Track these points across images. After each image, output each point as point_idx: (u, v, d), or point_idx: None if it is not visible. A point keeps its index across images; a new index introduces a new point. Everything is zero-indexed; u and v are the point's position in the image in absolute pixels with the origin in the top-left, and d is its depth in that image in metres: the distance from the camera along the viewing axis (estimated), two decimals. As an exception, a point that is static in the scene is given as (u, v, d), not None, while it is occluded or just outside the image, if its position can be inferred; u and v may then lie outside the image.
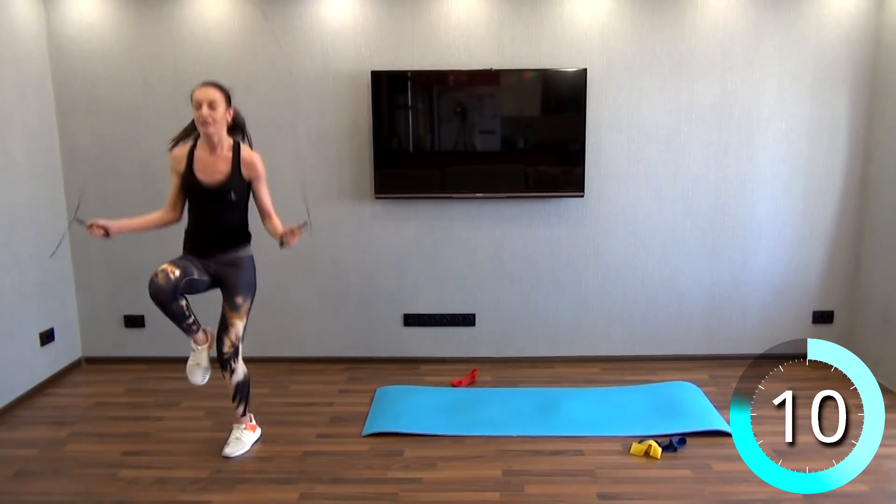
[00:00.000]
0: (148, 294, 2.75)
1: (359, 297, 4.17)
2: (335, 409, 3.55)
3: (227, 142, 2.89)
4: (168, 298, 2.75)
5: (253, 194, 2.97)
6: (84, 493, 2.76)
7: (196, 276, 2.85)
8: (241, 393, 3.09)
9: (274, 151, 3.80)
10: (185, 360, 3.08)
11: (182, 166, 2.88)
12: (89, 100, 3.95)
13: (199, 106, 2.77)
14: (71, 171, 4.03)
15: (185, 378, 3.08)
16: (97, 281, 4.15)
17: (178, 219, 2.99)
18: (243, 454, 3.06)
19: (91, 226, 2.78)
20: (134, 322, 4.19)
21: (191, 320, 2.92)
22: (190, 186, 2.88)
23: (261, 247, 3.13)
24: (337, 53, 3.89)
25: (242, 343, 3.02)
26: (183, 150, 2.91)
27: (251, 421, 3.19)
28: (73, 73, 3.92)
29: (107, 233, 2.80)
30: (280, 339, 4.21)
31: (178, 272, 2.75)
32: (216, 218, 2.92)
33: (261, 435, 3.21)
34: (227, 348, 2.97)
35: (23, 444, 3.20)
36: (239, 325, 2.98)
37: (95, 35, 3.88)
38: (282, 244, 2.86)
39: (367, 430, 3.27)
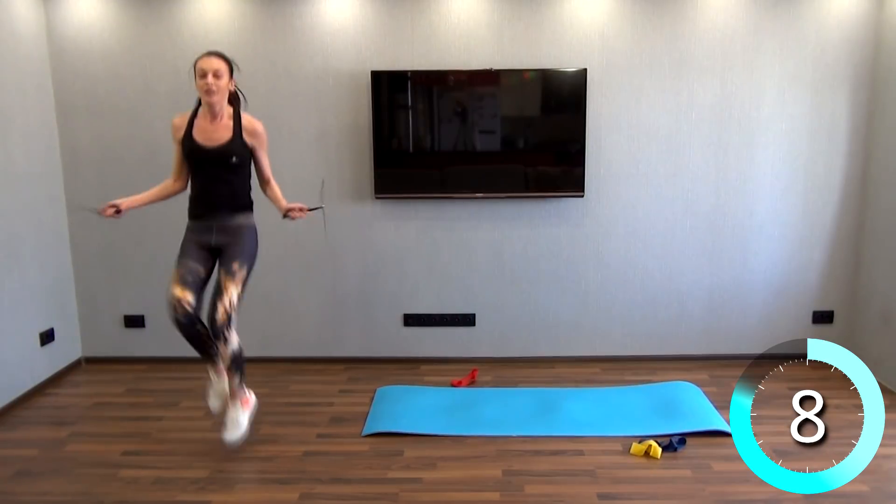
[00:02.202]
0: (150, 293, 2.78)
1: (359, 297, 4.17)
2: (335, 409, 3.55)
3: (228, 110, 2.91)
4: (190, 327, 2.87)
5: (254, 161, 2.99)
6: (84, 493, 2.76)
7: (201, 273, 2.89)
8: (237, 364, 2.97)
9: (274, 151, 3.79)
10: (185, 360, 3.10)
11: (181, 133, 2.89)
12: (89, 100, 3.95)
13: (203, 74, 2.79)
14: (71, 171, 4.03)
15: (185, 378, 3.08)
16: (97, 281, 4.15)
17: (184, 188, 3.02)
18: (244, 435, 3.03)
19: (103, 209, 2.84)
20: (134, 322, 4.19)
21: (212, 348, 2.98)
22: (190, 151, 2.88)
23: (262, 247, 3.12)
24: (337, 53, 3.89)
25: (237, 313, 2.89)
26: (183, 118, 2.92)
27: (246, 395, 3.10)
28: (73, 73, 3.92)
29: (118, 210, 2.86)
30: (280, 339, 4.21)
31: (190, 298, 2.83)
32: (218, 182, 2.91)
33: (256, 403, 3.15)
34: (220, 316, 2.83)
35: (23, 444, 3.20)
36: (233, 292, 2.87)
37: (95, 35, 3.88)
38: (285, 216, 2.88)
39: (367, 430, 3.27)
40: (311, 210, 2.89)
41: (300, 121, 3.97)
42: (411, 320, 4.19)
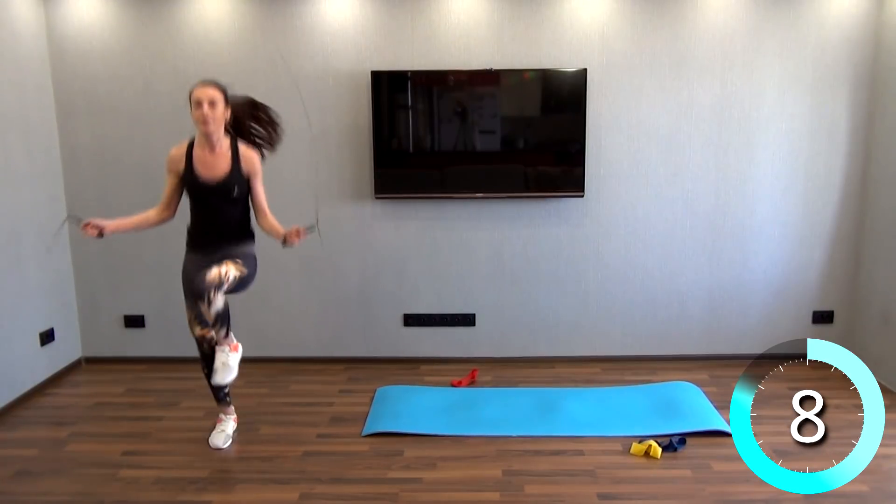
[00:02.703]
0: (150, 293, 2.78)
1: (359, 297, 4.17)
2: (335, 409, 3.55)
3: (226, 141, 2.91)
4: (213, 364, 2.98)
5: (250, 191, 2.98)
6: (84, 493, 2.76)
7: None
8: (222, 319, 2.91)
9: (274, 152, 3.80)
10: (185, 360, 3.10)
11: (181, 166, 2.89)
12: (89, 100, 3.95)
13: (198, 105, 2.78)
14: (71, 171, 4.03)
15: (186, 378, 3.09)
16: (97, 281, 4.15)
17: (172, 217, 3.02)
18: (234, 379, 3.01)
19: (85, 225, 2.78)
20: (134, 322, 4.19)
21: (227, 389, 3.14)
22: (191, 184, 2.89)
23: (261, 247, 3.12)
24: (337, 53, 3.89)
25: (228, 286, 2.80)
26: (180, 149, 2.91)
27: (233, 341, 3.05)
28: (73, 73, 3.92)
29: (101, 233, 2.80)
30: (280, 339, 4.21)
31: (209, 333, 2.96)
32: (218, 215, 2.92)
33: (241, 349, 3.09)
34: (211, 276, 2.74)
35: (23, 444, 3.20)
36: (231, 268, 2.81)
37: (95, 35, 3.88)
38: (284, 243, 2.86)
39: (367, 430, 3.27)
40: (307, 229, 2.85)
41: (300, 121, 3.96)
42: (411, 320, 4.20)
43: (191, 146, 2.90)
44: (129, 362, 4.22)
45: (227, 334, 3.01)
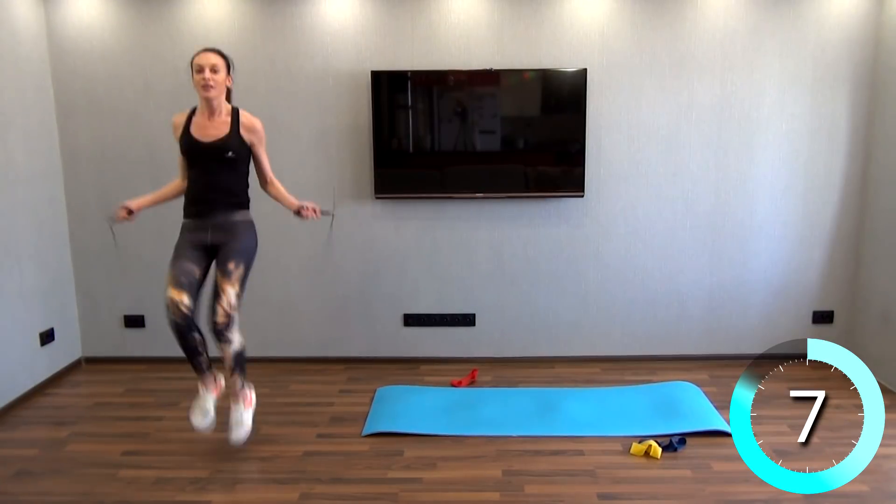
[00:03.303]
0: (150, 293, 2.79)
1: (359, 297, 4.17)
2: (335, 409, 3.55)
3: (226, 107, 2.91)
4: (186, 330, 2.84)
5: (253, 158, 2.98)
6: (84, 493, 2.76)
7: (196, 274, 2.88)
8: (240, 364, 2.97)
9: (274, 151, 3.79)
10: (185, 360, 3.08)
11: (180, 131, 2.90)
12: (89, 100, 3.95)
13: (200, 70, 2.79)
14: (71, 171, 4.03)
15: (185, 378, 3.08)
16: (97, 281, 4.15)
17: None
18: (249, 434, 3.04)
19: (118, 216, 2.88)
20: (134, 322, 4.19)
21: (202, 356, 2.95)
22: (188, 146, 2.88)
23: (261, 247, 3.12)
24: (337, 53, 3.89)
25: (238, 312, 2.89)
26: (182, 115, 2.93)
27: (248, 395, 3.09)
28: (73, 73, 3.92)
29: (129, 211, 2.89)
30: (280, 339, 4.21)
31: (186, 299, 2.80)
32: (214, 178, 2.90)
33: (256, 401, 3.14)
34: (220, 318, 2.83)
35: (23, 444, 3.20)
36: (231, 292, 2.84)
37: (95, 35, 3.88)
38: (297, 214, 2.91)
39: (367, 430, 3.27)
40: (322, 213, 2.89)
41: (300, 121, 3.97)
42: (411, 320, 4.19)
43: (192, 113, 2.91)
44: (128, 362, 4.22)
45: (242, 385, 3.04)
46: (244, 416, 3.04)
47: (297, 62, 3.90)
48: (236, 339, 2.92)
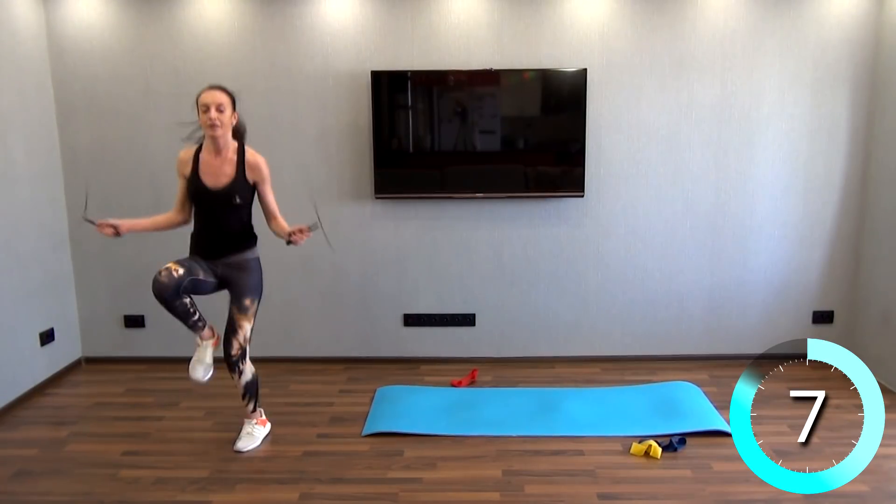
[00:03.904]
0: (150, 293, 2.78)
1: (359, 297, 4.17)
2: (335, 409, 3.55)
3: (233, 145, 2.91)
4: (171, 296, 2.80)
5: (258, 196, 2.99)
6: (84, 493, 2.76)
7: (201, 276, 2.90)
8: (251, 391, 3.13)
9: (274, 151, 3.79)
10: (185, 360, 3.09)
11: (188, 170, 2.90)
12: (89, 100, 3.95)
13: (206, 109, 2.78)
14: (71, 171, 4.03)
15: (186, 378, 3.08)
16: (97, 281, 4.15)
17: (187, 221, 3.02)
18: (255, 448, 3.10)
19: (101, 225, 2.82)
20: (134, 322, 4.19)
21: (196, 317, 2.95)
22: (195, 190, 2.89)
23: (262, 247, 3.12)
24: (337, 53, 3.89)
25: (249, 344, 3.04)
26: (188, 153, 2.93)
27: (261, 416, 3.23)
28: (73, 73, 3.92)
29: (117, 232, 2.85)
30: (280, 339, 4.21)
31: (181, 270, 2.81)
32: (221, 221, 2.94)
33: (270, 430, 3.25)
34: (234, 350, 2.98)
35: (23, 444, 3.20)
36: (247, 327, 3.00)
37: (95, 35, 3.88)
38: (289, 242, 2.89)
39: (367, 430, 3.27)
40: (310, 229, 2.88)
41: (300, 121, 3.97)
42: (411, 320, 4.19)
43: (199, 150, 2.91)
44: (129, 362, 4.21)
45: (254, 409, 3.17)
46: (255, 432, 3.17)
47: (297, 62, 3.90)
48: (248, 369, 3.08)
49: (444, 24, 3.86)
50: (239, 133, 2.96)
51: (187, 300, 2.88)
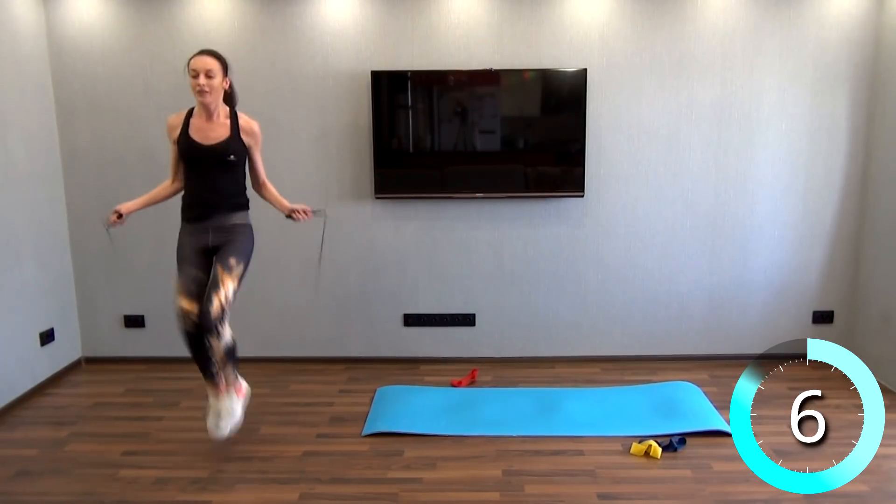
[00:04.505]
0: (150, 293, 2.79)
1: (359, 297, 4.17)
2: (335, 409, 3.55)
3: (224, 110, 2.90)
4: (198, 342, 2.86)
5: (249, 160, 2.97)
6: (84, 493, 2.76)
7: (204, 279, 2.88)
8: (231, 356, 2.96)
9: (274, 151, 3.80)
10: (185, 360, 3.08)
11: (177, 132, 2.88)
12: (89, 100, 3.95)
13: (195, 74, 2.77)
14: (71, 171, 4.03)
15: (186, 378, 3.08)
16: (97, 281, 4.15)
17: (183, 188, 3.01)
18: (237, 425, 3.02)
19: (110, 219, 2.88)
20: (134, 322, 4.19)
21: (213, 363, 2.93)
22: (187, 149, 2.86)
23: (261, 246, 3.12)
24: (337, 53, 3.89)
25: (230, 309, 2.86)
26: (178, 116, 2.91)
27: (241, 385, 3.09)
28: (73, 73, 3.92)
29: (120, 215, 2.88)
30: (280, 339, 4.21)
31: (196, 307, 2.80)
32: (214, 181, 2.90)
33: (249, 391, 3.14)
34: (214, 309, 2.78)
35: (23, 444, 3.20)
36: (230, 286, 2.83)
37: (95, 35, 3.88)
38: (289, 217, 2.91)
39: (367, 430, 3.27)
40: (314, 212, 2.90)
41: (300, 121, 3.97)
42: (411, 320, 4.19)
43: (189, 115, 2.90)
44: (128, 362, 4.21)
45: (235, 376, 3.03)
46: (235, 406, 3.02)
47: (297, 62, 3.90)
48: (227, 333, 2.90)
49: (444, 24, 3.86)
50: (231, 99, 2.95)
51: (208, 344, 2.88)
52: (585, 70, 3.82)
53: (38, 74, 3.83)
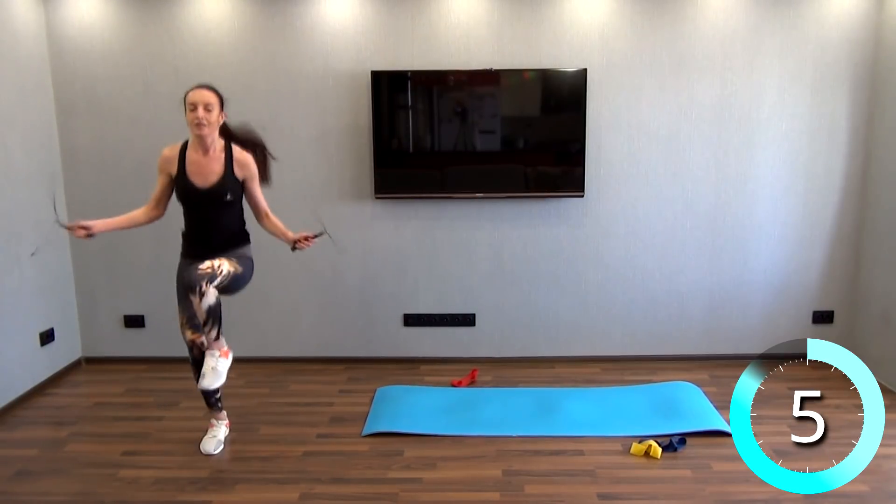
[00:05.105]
0: (150, 293, 2.79)
1: (359, 297, 4.17)
2: (335, 409, 3.55)
3: (220, 143, 2.90)
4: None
5: (247, 194, 2.97)
6: (84, 493, 2.76)
7: None
8: (214, 316, 2.84)
9: (274, 152, 3.79)
10: (185, 360, 3.09)
11: (174, 169, 2.88)
12: (89, 100, 3.95)
13: (194, 108, 2.77)
14: (71, 171, 4.03)
15: (186, 378, 3.09)
16: (97, 281, 4.15)
17: (161, 216, 3.01)
18: (221, 385, 2.98)
19: (72, 227, 2.77)
20: (134, 322, 4.19)
21: (218, 395, 3.11)
22: (183, 191, 2.87)
23: (261, 246, 3.12)
24: (337, 53, 3.89)
25: (220, 280, 2.77)
26: (173, 150, 2.90)
27: (224, 346, 3.00)
28: (73, 73, 3.92)
29: (90, 234, 2.79)
30: (280, 339, 4.21)
31: (200, 336, 2.93)
32: (213, 220, 2.91)
33: (232, 356, 3.07)
34: (203, 267, 2.74)
35: (23, 444, 3.20)
36: (225, 263, 2.80)
37: (95, 35, 3.88)
38: (294, 248, 2.91)
39: (367, 430, 3.27)
40: (316, 237, 2.90)
41: (300, 121, 3.97)
42: (411, 320, 4.19)
43: (184, 148, 2.89)
44: (128, 362, 4.22)
45: (217, 336, 2.96)
46: (219, 365, 2.94)
47: (297, 62, 3.90)
48: (211, 294, 2.78)
49: (444, 24, 3.86)
50: (227, 131, 2.95)
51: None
52: (585, 70, 3.82)
53: (37, 74, 3.83)
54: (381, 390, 3.74)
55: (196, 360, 2.99)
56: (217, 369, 2.94)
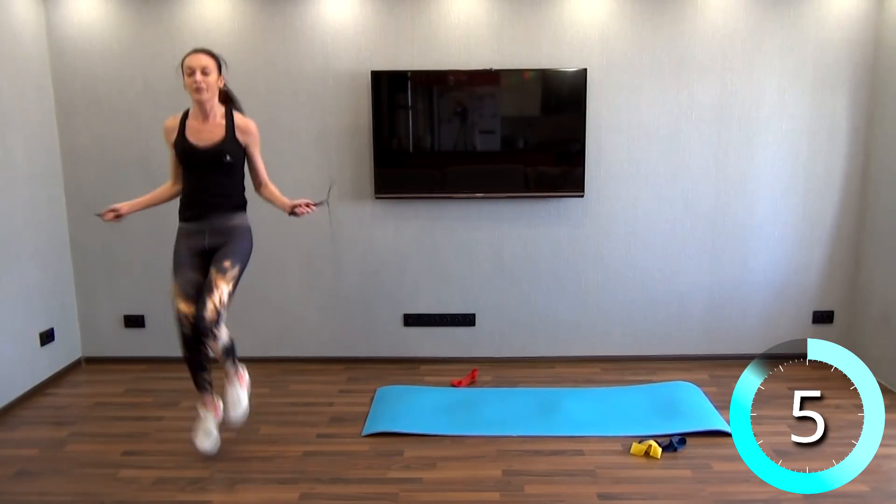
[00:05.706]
0: (150, 294, 2.78)
1: (359, 297, 4.17)
2: (335, 409, 3.55)
3: (220, 109, 2.89)
4: (195, 346, 2.86)
5: (248, 161, 2.96)
6: (84, 493, 2.76)
7: (201, 281, 2.86)
8: (230, 354, 2.94)
9: (274, 151, 3.80)
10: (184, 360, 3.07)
11: (174, 134, 2.87)
12: (89, 100, 3.95)
13: (191, 72, 2.76)
14: (71, 171, 4.03)
15: (185, 378, 3.08)
16: (97, 281, 4.15)
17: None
18: (245, 412, 3.03)
19: (104, 214, 2.87)
20: (134, 322, 4.19)
21: (206, 374, 2.97)
22: (183, 151, 2.85)
23: (261, 246, 3.12)
24: (337, 53, 3.89)
25: (226, 311, 2.84)
26: (174, 119, 2.90)
27: (241, 370, 3.06)
28: (73, 73, 3.92)
29: (118, 215, 2.88)
30: (280, 339, 4.21)
31: (192, 308, 2.79)
32: (211, 182, 2.88)
33: (249, 380, 3.12)
34: (209, 313, 2.75)
35: (23, 444, 3.20)
36: (224, 289, 2.81)
37: (95, 35, 3.88)
38: (291, 213, 2.92)
39: (367, 430, 3.27)
40: (316, 205, 2.91)
41: (300, 121, 3.97)
42: (411, 320, 4.19)
43: (185, 116, 2.89)
44: (128, 362, 4.22)
45: (234, 365, 3.02)
46: (241, 395, 3.02)
47: (297, 62, 3.90)
48: (224, 334, 2.87)
49: (444, 24, 3.86)
50: (228, 98, 2.94)
51: (206, 351, 2.89)
52: (585, 70, 3.82)
53: (38, 74, 3.83)
54: (381, 390, 3.74)
55: (185, 336, 2.83)
56: (239, 399, 3.03)
